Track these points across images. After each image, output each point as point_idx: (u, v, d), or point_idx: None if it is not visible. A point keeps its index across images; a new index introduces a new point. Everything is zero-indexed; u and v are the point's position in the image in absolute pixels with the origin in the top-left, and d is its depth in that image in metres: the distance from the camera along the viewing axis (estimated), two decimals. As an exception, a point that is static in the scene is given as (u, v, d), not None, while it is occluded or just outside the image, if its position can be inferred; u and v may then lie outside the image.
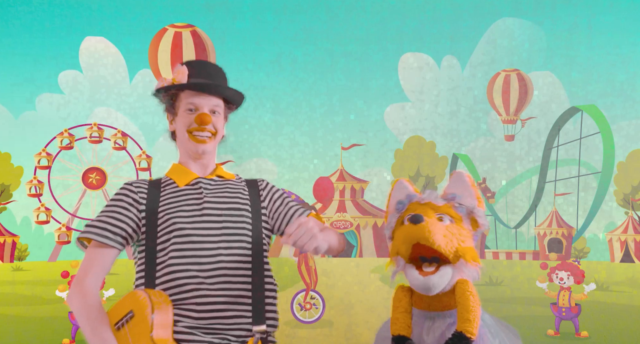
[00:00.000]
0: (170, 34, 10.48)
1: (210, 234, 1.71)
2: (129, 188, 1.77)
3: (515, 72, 11.64)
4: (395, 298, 1.70)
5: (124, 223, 1.73)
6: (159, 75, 11.56)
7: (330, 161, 11.07)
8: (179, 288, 1.68)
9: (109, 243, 1.72)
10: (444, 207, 1.65)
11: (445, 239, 1.58)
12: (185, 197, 1.76)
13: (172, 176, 1.81)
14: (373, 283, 10.05)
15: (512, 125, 11.81)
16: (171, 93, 1.79)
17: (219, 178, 1.84)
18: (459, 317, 1.59)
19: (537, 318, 5.85)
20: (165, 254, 1.70)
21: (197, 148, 1.77)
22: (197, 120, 1.72)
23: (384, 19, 8.52)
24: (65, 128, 9.37)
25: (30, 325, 6.05)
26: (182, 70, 1.77)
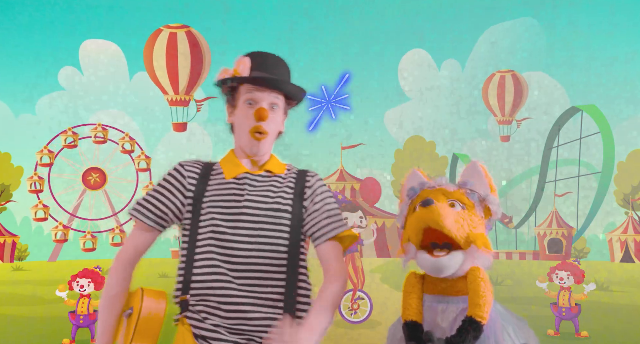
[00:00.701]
0: (165, 34, 10.48)
1: (246, 234, 1.69)
2: (180, 172, 1.75)
3: (510, 73, 11.62)
4: (407, 284, 1.72)
5: (166, 207, 1.73)
6: (154, 75, 11.57)
7: (330, 161, 11.06)
8: (209, 283, 1.67)
9: (151, 224, 1.74)
10: (456, 193, 1.66)
11: (456, 224, 1.60)
12: (228, 191, 1.74)
13: (223, 166, 1.78)
14: (373, 283, 10.07)
15: (507, 126, 11.82)
16: (231, 85, 1.76)
17: (266, 173, 1.79)
18: (470, 302, 1.61)
19: (537, 318, 5.85)
20: (202, 246, 1.70)
21: (252, 147, 1.74)
22: (256, 115, 1.69)
23: (384, 20, 8.52)
24: (69, 126, 9.39)
25: (30, 325, 6.05)
26: (245, 61, 1.73)
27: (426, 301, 1.66)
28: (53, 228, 10.23)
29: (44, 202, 11.86)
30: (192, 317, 1.65)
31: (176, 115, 15.02)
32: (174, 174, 1.74)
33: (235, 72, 1.70)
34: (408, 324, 1.63)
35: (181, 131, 17.35)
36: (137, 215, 1.72)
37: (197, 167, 1.76)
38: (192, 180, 1.73)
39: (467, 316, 1.57)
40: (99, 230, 15.57)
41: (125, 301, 1.70)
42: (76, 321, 5.03)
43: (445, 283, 1.64)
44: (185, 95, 15.09)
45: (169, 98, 15.16)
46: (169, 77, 12.42)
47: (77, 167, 10.14)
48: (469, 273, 1.62)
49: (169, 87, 14.09)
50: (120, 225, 15.60)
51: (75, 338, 5.06)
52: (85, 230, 12.09)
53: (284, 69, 1.77)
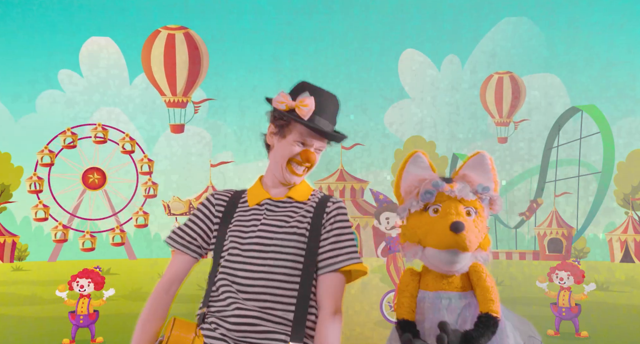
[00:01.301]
0: (163, 35, 10.48)
1: (256, 257, 1.74)
2: (210, 200, 1.85)
3: (508, 75, 11.63)
4: (402, 282, 1.71)
5: (195, 233, 1.82)
6: (151, 76, 11.56)
7: (330, 161, 11.08)
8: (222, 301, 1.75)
9: (184, 251, 1.83)
10: (472, 202, 1.66)
11: (476, 239, 1.61)
12: (249, 217, 1.80)
13: (249, 194, 1.86)
14: (373, 283, 10.05)
15: (505, 128, 11.82)
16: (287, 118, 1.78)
17: (288, 199, 1.83)
18: (480, 299, 1.61)
19: (537, 318, 5.85)
20: (220, 268, 1.78)
21: (290, 179, 1.80)
22: (304, 157, 1.75)
23: (384, 19, 8.52)
24: (69, 126, 9.37)
25: (30, 325, 6.05)
26: (310, 105, 1.74)
27: (427, 298, 1.65)
28: (53, 228, 10.21)
29: (44, 202, 11.89)
30: (205, 327, 1.72)
31: (174, 116, 15.07)
32: (205, 203, 1.86)
33: (297, 109, 1.73)
34: (400, 322, 1.63)
35: (179, 132, 17.46)
36: (169, 241, 1.84)
37: (227, 195, 1.86)
38: (220, 207, 1.82)
39: (483, 313, 1.56)
40: (99, 230, 15.61)
41: (159, 330, 1.77)
42: (76, 321, 5.04)
43: (445, 279, 1.64)
44: (183, 97, 15.14)
45: (166, 100, 15.22)
46: (167, 78, 12.44)
47: (77, 167, 10.15)
48: (471, 269, 1.63)
49: (166, 89, 14.13)
50: (120, 225, 15.69)
51: (75, 338, 5.06)
52: (85, 230, 12.10)
53: (335, 112, 1.81)
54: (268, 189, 1.83)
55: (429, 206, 1.66)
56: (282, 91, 1.78)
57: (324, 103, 1.77)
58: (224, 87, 9.99)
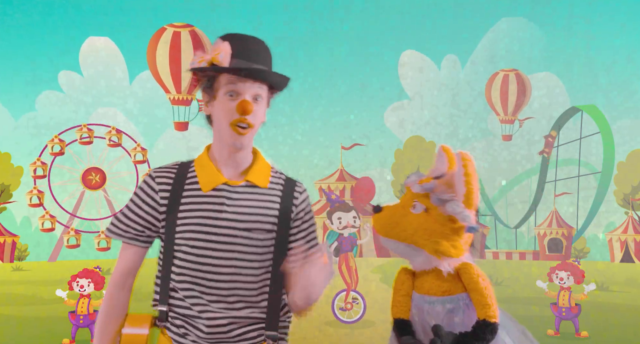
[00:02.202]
0: (169, 33, 10.49)
1: (220, 257, 1.60)
2: (150, 185, 1.64)
3: (513, 72, 11.62)
4: (397, 281, 1.67)
5: (140, 225, 1.65)
6: (157, 75, 11.57)
7: (330, 161, 11.07)
8: (187, 303, 1.62)
9: (131, 243, 1.66)
10: (418, 195, 1.62)
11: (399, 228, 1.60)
12: (205, 206, 1.61)
13: (199, 175, 1.65)
14: (373, 283, 10.06)
15: (510, 125, 11.81)
16: (209, 74, 1.60)
17: (247, 184, 1.66)
18: (476, 304, 1.55)
19: (537, 318, 5.85)
20: (178, 267, 1.63)
21: (234, 141, 1.60)
22: (239, 109, 1.55)
23: (384, 20, 8.52)
24: (55, 134, 9.34)
25: (30, 325, 6.05)
26: (225, 49, 1.56)
27: (414, 300, 1.63)
28: (40, 217, 10.17)
29: (51, 212, 11.88)
30: (173, 330, 1.62)
31: (178, 114, 15.05)
32: (145, 189, 1.65)
33: (214, 60, 1.56)
34: (397, 322, 1.61)
35: (183, 130, 17.39)
36: (113, 235, 1.66)
37: (170, 174, 1.65)
38: (164, 193, 1.62)
39: (480, 319, 1.53)
40: (98, 230, 15.62)
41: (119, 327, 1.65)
42: (76, 321, 5.03)
43: (430, 283, 1.60)
44: (188, 95, 15.12)
45: (171, 97, 15.18)
46: (172, 76, 12.43)
47: (73, 171, 10.14)
48: (461, 272, 1.58)
49: (171, 86, 14.11)
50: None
51: (75, 338, 5.06)
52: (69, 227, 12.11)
53: (265, 55, 1.64)
54: (220, 167, 1.65)
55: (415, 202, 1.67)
56: (197, 50, 1.63)
57: (244, 45, 1.59)
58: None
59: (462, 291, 1.58)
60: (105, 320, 1.65)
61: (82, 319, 5.01)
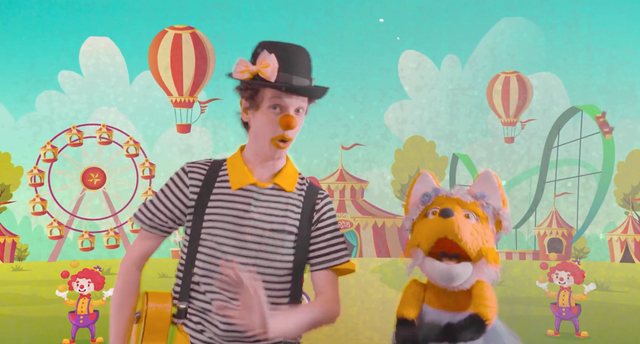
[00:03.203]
0: (170, 36, 10.49)
1: (245, 255, 1.62)
2: (182, 179, 1.68)
3: (514, 74, 11.62)
4: (408, 290, 1.65)
5: (166, 216, 1.69)
6: (158, 76, 11.56)
7: (330, 161, 11.07)
8: (206, 298, 1.65)
9: (151, 231, 1.71)
10: (471, 205, 1.61)
11: (471, 237, 1.55)
12: (233, 204, 1.65)
13: (230, 172, 1.69)
14: (373, 283, 10.05)
15: (511, 127, 11.82)
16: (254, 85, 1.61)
17: (274, 187, 1.69)
18: (475, 303, 1.56)
19: (537, 318, 5.85)
20: (200, 259, 1.65)
21: (274, 154, 1.64)
22: (283, 124, 1.58)
23: (384, 19, 8.52)
24: (74, 124, 9.38)
25: (30, 325, 6.05)
26: (272, 63, 1.56)
27: (427, 314, 1.62)
28: (48, 225, 10.23)
29: (42, 196, 11.91)
30: (191, 327, 1.64)
31: (180, 116, 15.05)
32: (176, 181, 1.69)
33: (260, 73, 1.57)
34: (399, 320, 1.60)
35: (185, 132, 17.44)
36: (137, 221, 1.71)
37: (202, 170, 1.69)
38: (195, 188, 1.66)
39: (473, 313, 1.53)
40: (99, 230, 15.60)
41: (135, 305, 1.70)
42: (76, 321, 5.04)
43: (448, 298, 1.59)
44: (190, 97, 15.13)
45: (173, 100, 15.19)
46: (174, 78, 12.44)
47: (78, 166, 10.15)
48: (474, 285, 1.58)
49: (173, 88, 14.13)
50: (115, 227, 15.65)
51: (75, 338, 5.06)
52: (83, 230, 12.10)
53: (308, 65, 1.66)
54: (252, 167, 1.69)
55: (429, 211, 1.64)
56: (239, 58, 1.63)
57: (289, 58, 1.61)
58: (225, 87, 9.98)
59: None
60: (122, 297, 1.69)
61: (82, 319, 5.01)
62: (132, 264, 1.73)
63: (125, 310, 1.70)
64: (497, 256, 1.59)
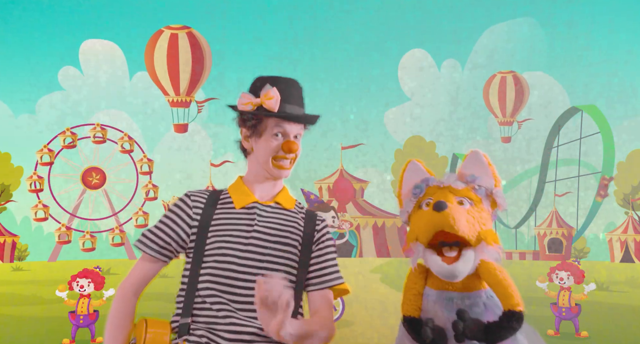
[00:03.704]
0: (166, 35, 10.51)
1: (251, 265, 1.70)
2: (186, 202, 1.78)
3: (511, 74, 11.62)
4: (409, 279, 1.69)
5: (170, 238, 1.75)
6: (155, 76, 11.58)
7: (330, 161, 11.05)
8: (212, 311, 1.69)
9: (154, 255, 1.76)
10: (463, 190, 1.63)
11: (468, 224, 1.57)
12: (237, 221, 1.75)
13: (232, 195, 1.81)
14: (373, 283, 10.05)
15: (508, 127, 11.81)
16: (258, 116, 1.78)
17: (276, 205, 1.82)
18: (500, 295, 1.56)
19: (537, 318, 5.85)
20: (205, 274, 1.71)
21: (279, 174, 1.78)
22: (285, 148, 1.74)
23: (384, 20, 8.52)
24: (68, 126, 9.40)
25: (30, 325, 6.05)
26: (274, 95, 1.75)
27: (430, 296, 1.63)
28: (56, 230, 10.28)
29: (44, 202, 11.87)
30: (193, 340, 1.65)
31: (177, 116, 15.02)
32: (180, 205, 1.77)
33: (264, 104, 1.73)
34: (407, 320, 1.62)
35: (182, 132, 17.36)
36: (142, 246, 1.75)
37: (204, 195, 1.79)
38: (197, 210, 1.75)
39: (506, 310, 1.54)
40: (99, 230, 15.58)
41: (129, 333, 1.72)
42: (76, 321, 5.03)
43: None
44: (186, 96, 15.09)
45: (170, 99, 15.16)
46: (170, 78, 12.44)
47: (77, 167, 10.13)
48: (480, 268, 1.59)
49: (170, 88, 14.10)
50: (120, 226, 15.57)
51: (75, 338, 5.05)
52: (85, 230, 12.09)
53: (301, 95, 1.82)
54: (253, 189, 1.81)
55: (422, 202, 1.65)
56: (242, 92, 1.79)
57: (287, 90, 1.78)
58: (224, 87, 9.98)
59: (480, 287, 1.60)
60: (119, 325, 1.71)
61: (82, 319, 5.01)
62: (130, 290, 1.76)
63: (119, 338, 1.72)
64: (495, 236, 1.61)
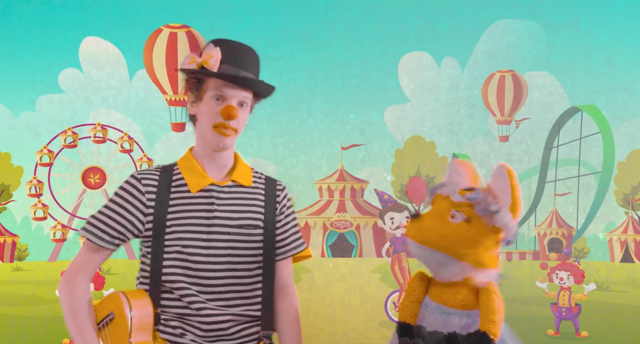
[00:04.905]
0: (165, 34, 10.50)
1: (216, 254, 1.63)
2: (136, 186, 1.63)
3: (510, 73, 11.62)
4: (410, 285, 1.68)
5: (123, 227, 1.62)
6: (153, 75, 11.57)
7: (330, 161, 11.08)
8: (182, 303, 1.63)
9: (105, 246, 1.63)
10: (460, 204, 1.59)
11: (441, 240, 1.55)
12: (195, 207, 1.64)
13: (186, 176, 1.66)
14: (373, 283, 10.04)
15: (506, 126, 11.83)
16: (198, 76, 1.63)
17: (233, 184, 1.70)
18: (483, 317, 1.55)
19: (537, 318, 5.85)
20: (169, 266, 1.62)
21: (217, 143, 1.64)
22: (224, 114, 1.61)
23: (384, 19, 8.52)
24: (69, 126, 9.41)
25: (30, 325, 6.05)
26: (215, 53, 1.60)
27: (429, 308, 1.62)
28: (52, 228, 10.27)
29: (44, 202, 11.92)
30: (168, 331, 1.61)
31: (175, 115, 15.07)
32: (129, 190, 1.63)
33: (205, 63, 1.60)
34: (401, 325, 1.61)
35: (180, 131, 17.48)
36: (90, 236, 1.61)
37: (155, 177, 1.65)
38: (151, 195, 1.62)
39: (480, 331, 1.52)
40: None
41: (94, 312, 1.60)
42: (76, 321, 5.03)
43: (449, 293, 1.60)
44: (184, 95, 15.15)
45: (168, 98, 15.23)
46: (169, 76, 12.46)
47: (76, 167, 10.16)
48: (482, 288, 1.58)
49: (168, 87, 14.15)
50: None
51: (75, 338, 5.06)
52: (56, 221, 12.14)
53: (254, 62, 1.68)
54: (205, 169, 1.68)
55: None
56: (188, 52, 1.66)
57: (235, 52, 1.64)
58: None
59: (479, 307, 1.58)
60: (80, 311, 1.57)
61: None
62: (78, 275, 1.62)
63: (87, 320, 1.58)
64: (488, 259, 1.58)
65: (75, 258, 1.66)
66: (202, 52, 1.64)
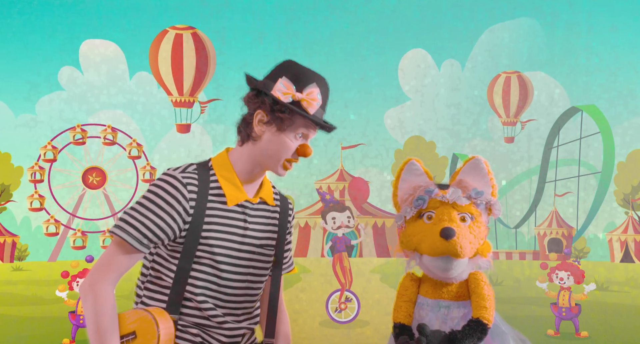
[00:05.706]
0: (171, 35, 10.51)
1: (240, 272, 1.64)
2: (182, 192, 1.56)
3: (515, 74, 11.62)
4: (401, 286, 1.70)
5: (163, 232, 1.54)
6: (158, 76, 11.57)
7: (330, 161, 11.07)
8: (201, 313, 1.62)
9: (141, 249, 1.55)
10: (466, 207, 1.62)
11: (470, 246, 1.59)
12: (231, 221, 1.62)
13: (224, 187, 1.62)
14: (373, 283, 10.05)
15: (511, 127, 11.83)
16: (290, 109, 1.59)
17: (260, 202, 1.70)
18: (475, 305, 1.60)
19: (537, 318, 5.86)
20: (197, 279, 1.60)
21: (280, 173, 1.66)
22: (301, 152, 1.62)
23: (384, 20, 8.53)
24: (79, 123, 9.43)
25: (30, 325, 6.06)
26: (318, 100, 1.59)
27: (425, 305, 1.65)
28: (44, 222, 10.27)
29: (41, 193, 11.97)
30: (187, 338, 1.60)
31: (180, 116, 15.08)
32: (174, 194, 1.55)
33: (305, 102, 1.58)
34: (397, 326, 1.64)
35: (185, 132, 17.49)
36: (127, 237, 1.52)
37: (195, 182, 1.59)
38: (192, 202, 1.57)
39: (474, 318, 1.56)
40: (99, 230, 15.65)
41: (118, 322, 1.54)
42: (76, 321, 5.04)
43: (444, 287, 1.64)
44: (190, 97, 15.15)
45: (173, 100, 15.23)
46: (174, 78, 12.47)
47: (79, 165, 10.17)
48: (470, 276, 1.62)
49: (173, 88, 14.17)
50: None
51: (75, 338, 5.06)
52: (76, 228, 12.13)
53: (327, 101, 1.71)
54: (242, 178, 1.65)
55: (423, 213, 1.65)
56: (283, 78, 1.59)
57: (326, 94, 1.64)
58: (225, 88, 9.98)
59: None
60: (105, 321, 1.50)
61: (82, 319, 5.01)
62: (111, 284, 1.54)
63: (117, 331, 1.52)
64: (489, 248, 1.64)
65: (102, 259, 1.56)
66: (299, 85, 1.59)
